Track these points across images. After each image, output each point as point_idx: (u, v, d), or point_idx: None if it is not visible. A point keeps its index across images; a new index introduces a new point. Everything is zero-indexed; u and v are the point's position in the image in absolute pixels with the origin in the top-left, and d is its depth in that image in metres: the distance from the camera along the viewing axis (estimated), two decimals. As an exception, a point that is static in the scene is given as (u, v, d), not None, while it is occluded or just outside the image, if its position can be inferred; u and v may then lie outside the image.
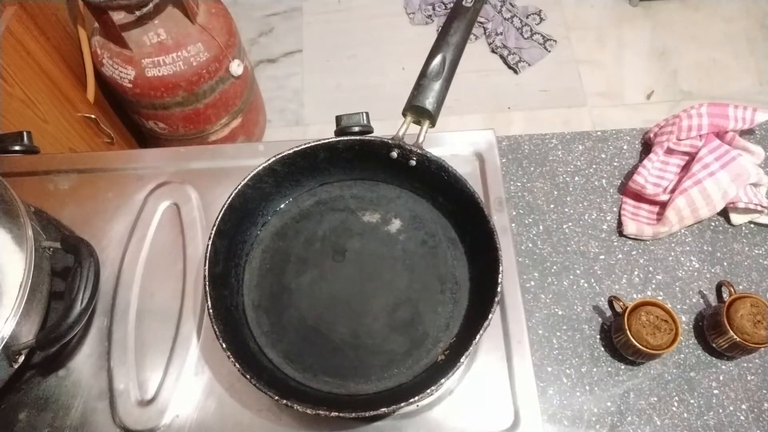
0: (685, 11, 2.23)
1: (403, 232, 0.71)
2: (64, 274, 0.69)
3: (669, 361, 0.74)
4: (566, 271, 0.80)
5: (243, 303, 0.68)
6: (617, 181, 0.87)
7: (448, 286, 0.68)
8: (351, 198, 0.74)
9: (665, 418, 0.71)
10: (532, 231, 0.83)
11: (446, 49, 0.65)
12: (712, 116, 0.83)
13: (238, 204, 0.66)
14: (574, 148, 0.90)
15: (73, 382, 0.65)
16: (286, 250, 0.71)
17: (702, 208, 0.79)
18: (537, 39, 2.15)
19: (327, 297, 0.68)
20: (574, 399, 0.72)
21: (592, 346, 0.75)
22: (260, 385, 0.55)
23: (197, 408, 0.63)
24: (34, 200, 0.73)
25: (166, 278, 0.71)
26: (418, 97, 0.64)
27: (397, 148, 0.68)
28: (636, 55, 2.13)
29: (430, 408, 0.63)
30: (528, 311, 0.75)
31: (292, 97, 2.05)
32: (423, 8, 2.23)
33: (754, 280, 0.79)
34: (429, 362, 0.64)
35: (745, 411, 0.71)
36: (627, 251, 0.81)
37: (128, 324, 0.68)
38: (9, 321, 0.56)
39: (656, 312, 0.70)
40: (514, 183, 0.87)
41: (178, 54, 1.41)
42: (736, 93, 2.03)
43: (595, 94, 2.05)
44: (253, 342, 0.65)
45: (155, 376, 0.65)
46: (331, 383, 0.63)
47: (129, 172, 0.78)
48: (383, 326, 0.66)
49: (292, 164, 0.69)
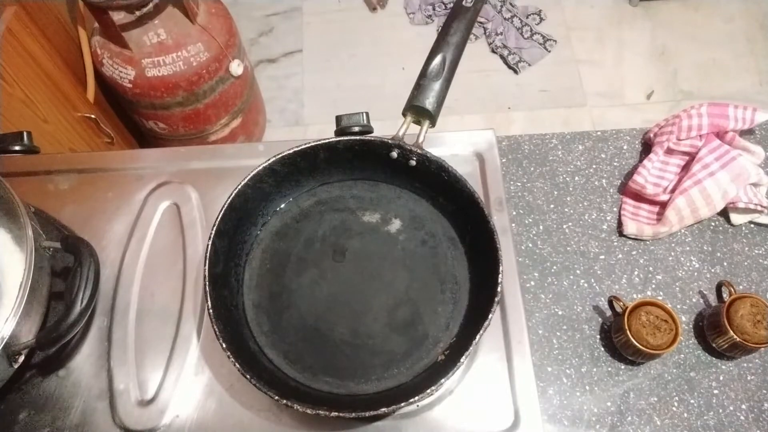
0: (685, 11, 2.23)
1: (403, 232, 0.71)
2: (64, 274, 0.69)
3: (669, 361, 0.74)
4: (566, 271, 0.80)
5: (243, 303, 0.68)
6: (617, 181, 0.87)
7: (448, 286, 0.68)
8: (351, 198, 0.74)
9: (665, 418, 0.71)
10: (532, 231, 0.83)
11: (446, 49, 0.65)
12: (712, 116, 0.83)
13: (238, 204, 0.66)
14: (574, 148, 0.90)
15: (73, 382, 0.65)
16: (286, 250, 0.71)
17: (702, 208, 0.79)
18: (537, 39, 2.15)
19: (327, 297, 0.68)
20: (574, 399, 0.72)
21: (592, 346, 0.75)
22: (260, 385, 0.55)
23: (197, 408, 0.63)
24: (34, 200, 0.73)
25: (166, 278, 0.71)
26: (418, 97, 0.64)
27: (397, 148, 0.68)
28: (636, 55, 2.13)
29: (430, 408, 0.63)
30: (528, 311, 0.75)
31: (292, 97, 2.05)
32: (423, 8, 2.23)
33: (754, 280, 0.79)
34: (429, 362, 0.64)
35: (745, 411, 0.71)
36: (627, 251, 0.81)
37: (128, 324, 0.68)
38: (9, 321, 0.56)
39: (656, 312, 0.70)
40: (514, 183, 0.87)
41: (178, 54, 1.41)
42: (736, 93, 2.03)
43: (595, 94, 2.05)
44: (253, 342, 0.65)
45: (155, 376, 0.65)
46: (331, 383, 0.63)
47: (129, 172, 0.78)
48: (383, 326, 0.66)
49: (292, 164, 0.69)
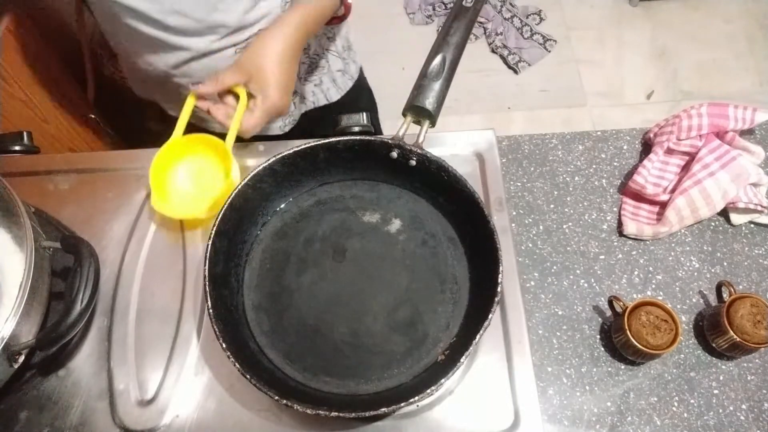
0: (685, 11, 2.23)
1: (403, 232, 0.71)
2: (64, 274, 0.69)
3: (669, 361, 0.74)
4: (566, 271, 0.80)
5: (243, 303, 0.68)
6: (617, 181, 0.87)
7: (448, 286, 0.68)
8: (351, 198, 0.74)
9: (665, 418, 0.71)
10: (532, 231, 0.83)
11: (446, 49, 0.65)
12: (712, 116, 0.83)
13: (238, 204, 0.66)
14: (574, 148, 0.90)
15: (73, 382, 0.65)
16: (286, 250, 0.71)
17: (702, 208, 0.79)
18: (537, 39, 2.15)
19: (327, 297, 0.68)
20: (574, 399, 0.72)
21: (592, 346, 0.75)
22: (260, 385, 0.55)
23: (197, 408, 0.63)
24: (34, 200, 0.73)
25: (166, 278, 0.71)
26: (418, 97, 0.64)
27: (397, 148, 0.68)
28: (636, 55, 2.13)
29: (430, 408, 0.63)
30: (528, 311, 0.75)
31: (292, 97, 2.05)
32: (423, 8, 2.23)
33: (754, 280, 0.79)
34: (429, 362, 0.64)
35: (745, 411, 0.71)
36: (627, 251, 0.81)
37: (128, 324, 0.68)
38: (9, 321, 0.56)
39: (656, 312, 0.70)
40: (514, 183, 0.87)
41: (178, 54, 1.41)
42: (736, 93, 2.03)
43: (595, 93, 2.05)
44: (253, 342, 0.65)
45: (155, 376, 0.65)
46: (331, 383, 0.63)
47: (129, 172, 0.78)
48: (383, 326, 0.66)
49: (292, 164, 0.69)
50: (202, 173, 0.76)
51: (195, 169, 0.76)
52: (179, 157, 0.75)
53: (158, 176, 0.73)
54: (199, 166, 0.76)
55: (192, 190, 0.75)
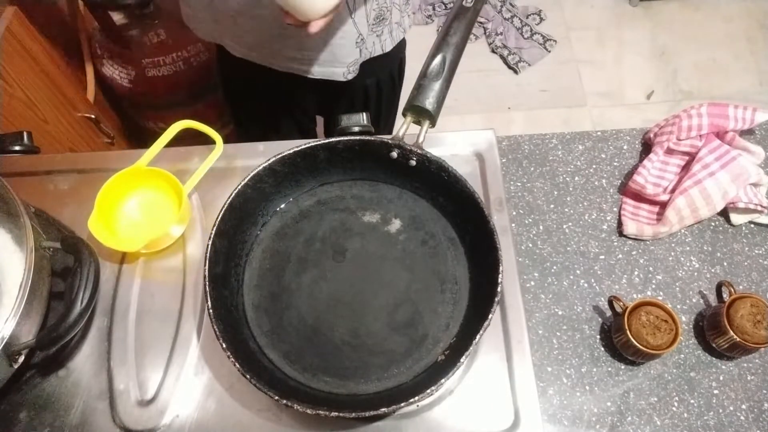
0: (685, 11, 2.23)
1: (403, 232, 0.71)
2: (64, 274, 0.69)
3: (669, 361, 0.74)
4: (566, 271, 0.80)
5: (243, 303, 0.68)
6: (617, 181, 0.87)
7: (448, 286, 0.68)
8: (351, 198, 0.74)
9: (665, 418, 0.71)
10: (532, 231, 0.83)
11: (446, 49, 0.65)
12: (712, 116, 0.83)
13: (238, 204, 0.66)
14: (574, 148, 0.90)
15: (73, 382, 0.65)
16: (286, 250, 0.71)
17: (702, 208, 0.79)
18: (537, 39, 2.15)
19: (327, 297, 0.68)
20: (574, 399, 0.72)
21: (592, 346, 0.75)
22: (260, 385, 0.55)
23: (197, 408, 0.63)
24: (34, 200, 0.73)
25: (166, 278, 0.71)
26: (418, 97, 0.64)
27: (397, 148, 0.68)
28: (636, 55, 2.13)
29: (430, 408, 0.63)
30: (528, 311, 0.75)
31: (292, 97, 2.05)
32: (423, 8, 2.23)
33: (754, 280, 0.79)
34: (429, 362, 0.64)
35: (745, 411, 0.71)
36: (627, 251, 0.81)
37: (128, 324, 0.68)
38: (9, 321, 0.56)
39: (656, 312, 0.70)
40: (514, 183, 0.87)
41: (178, 54, 1.41)
42: (736, 93, 2.03)
43: (595, 94, 2.05)
44: (253, 342, 0.65)
45: (155, 376, 0.65)
46: (331, 383, 0.63)
47: (129, 172, 0.78)
48: (383, 326, 0.66)
49: (292, 164, 0.69)
50: (151, 209, 0.74)
51: (145, 203, 0.74)
52: (133, 187, 0.74)
53: (106, 200, 0.71)
54: (151, 201, 0.74)
55: (136, 221, 0.73)
